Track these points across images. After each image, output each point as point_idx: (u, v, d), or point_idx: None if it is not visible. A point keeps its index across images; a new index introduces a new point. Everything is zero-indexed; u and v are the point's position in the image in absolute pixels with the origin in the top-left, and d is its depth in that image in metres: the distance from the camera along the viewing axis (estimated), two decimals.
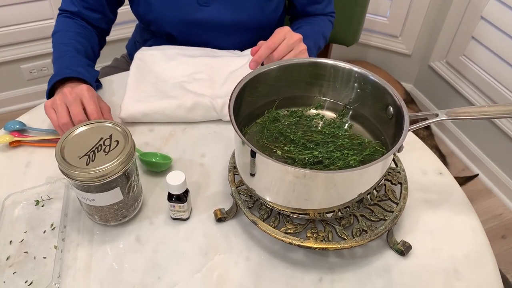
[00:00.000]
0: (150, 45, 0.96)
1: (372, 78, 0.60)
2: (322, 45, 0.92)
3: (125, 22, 1.54)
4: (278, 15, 0.92)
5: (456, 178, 1.44)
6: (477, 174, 1.52)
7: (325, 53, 1.26)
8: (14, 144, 0.71)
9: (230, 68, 0.80)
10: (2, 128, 0.73)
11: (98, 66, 1.68)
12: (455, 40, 1.53)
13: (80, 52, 0.78)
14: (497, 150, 1.47)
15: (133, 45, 1.06)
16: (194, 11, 0.86)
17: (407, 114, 0.53)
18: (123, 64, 1.08)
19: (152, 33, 0.96)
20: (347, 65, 0.62)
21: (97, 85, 0.80)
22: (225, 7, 0.85)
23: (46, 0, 1.52)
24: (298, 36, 0.73)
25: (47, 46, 1.63)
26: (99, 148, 0.54)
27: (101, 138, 0.55)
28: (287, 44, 0.72)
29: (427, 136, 1.52)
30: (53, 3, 1.53)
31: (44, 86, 1.73)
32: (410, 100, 1.61)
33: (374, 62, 1.80)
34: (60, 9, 0.87)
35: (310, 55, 0.80)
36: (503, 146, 1.44)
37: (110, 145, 0.54)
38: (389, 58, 1.77)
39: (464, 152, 1.60)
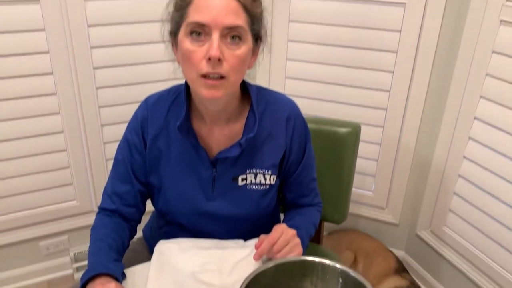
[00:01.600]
0: (165, 232, 1.12)
1: (352, 274, 0.74)
2: (312, 232, 1.08)
3: None
4: (272, 208, 1.09)
5: None
6: None
7: (318, 230, 1.41)
8: None
9: (236, 258, 0.94)
10: None
11: None
12: (435, 212, 1.71)
13: (112, 248, 0.94)
14: None
15: (150, 231, 1.22)
16: (202, 204, 1.03)
17: None
18: (140, 247, 1.22)
19: (167, 220, 1.12)
20: (331, 263, 0.76)
21: (122, 276, 0.93)
22: (227, 202, 1.02)
23: (70, 186, 1.73)
24: (293, 231, 0.90)
25: (65, 225, 1.79)
26: None
27: None
28: (284, 239, 0.88)
29: None
30: (77, 189, 1.73)
31: (59, 261, 1.85)
32: (402, 269, 1.71)
33: (365, 230, 1.95)
34: (99, 208, 1.05)
35: (303, 245, 0.95)
36: None
37: None
38: (379, 227, 1.93)
39: None
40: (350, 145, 1.30)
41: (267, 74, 1.80)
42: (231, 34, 0.85)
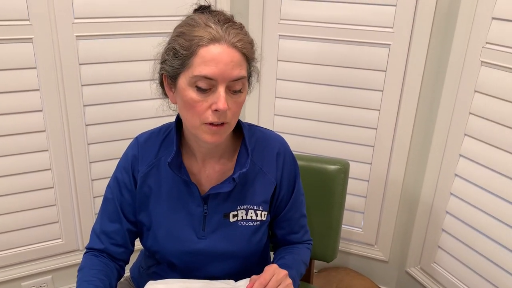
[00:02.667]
0: (154, 272, 1.10)
1: None
2: (303, 271, 1.08)
3: None
4: (263, 245, 1.09)
5: None
6: None
7: (308, 268, 1.40)
8: None
9: None
10: None
11: None
12: (424, 249, 1.71)
13: None
14: None
15: (137, 271, 1.19)
16: (193, 243, 1.02)
17: None
18: (127, 287, 1.19)
19: (156, 260, 1.10)
20: None
21: None
22: (218, 240, 1.02)
23: (56, 224, 1.70)
24: (284, 272, 0.89)
25: (49, 264, 1.74)
26: None
27: None
28: (276, 280, 0.87)
29: None
30: (63, 227, 1.70)
31: None
32: None
33: (355, 268, 1.94)
34: (87, 248, 1.04)
35: (295, 285, 0.94)
36: None
37: None
38: (369, 264, 1.91)
39: None
40: (339, 183, 1.31)
41: (256, 112, 1.82)
42: (235, 85, 0.87)
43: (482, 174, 1.44)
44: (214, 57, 0.84)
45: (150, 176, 1.02)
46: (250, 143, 1.02)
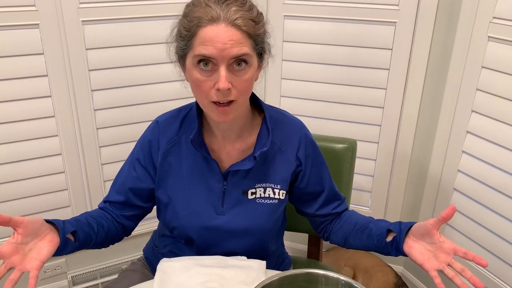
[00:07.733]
0: (169, 250, 1.12)
1: (355, 285, 0.75)
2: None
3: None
4: (280, 223, 1.11)
5: None
6: None
7: (317, 246, 1.42)
8: None
9: (240, 278, 0.95)
10: None
11: (116, 263, 1.80)
12: None
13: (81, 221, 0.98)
14: None
15: (151, 250, 1.21)
16: (212, 219, 1.04)
17: None
18: (141, 267, 1.22)
19: (172, 238, 1.12)
20: (335, 275, 0.77)
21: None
22: (236, 216, 1.04)
23: (68, 208, 1.73)
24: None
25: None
26: None
27: None
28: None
29: None
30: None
31: (56, 284, 1.83)
32: (401, 284, 1.72)
33: None
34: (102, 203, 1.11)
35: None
36: None
37: None
38: None
39: None
40: (347, 161, 1.32)
41: (262, 94, 1.83)
42: (237, 61, 0.88)
43: (489, 151, 1.44)
44: (211, 38, 0.85)
45: (171, 153, 1.04)
46: (270, 122, 1.03)
